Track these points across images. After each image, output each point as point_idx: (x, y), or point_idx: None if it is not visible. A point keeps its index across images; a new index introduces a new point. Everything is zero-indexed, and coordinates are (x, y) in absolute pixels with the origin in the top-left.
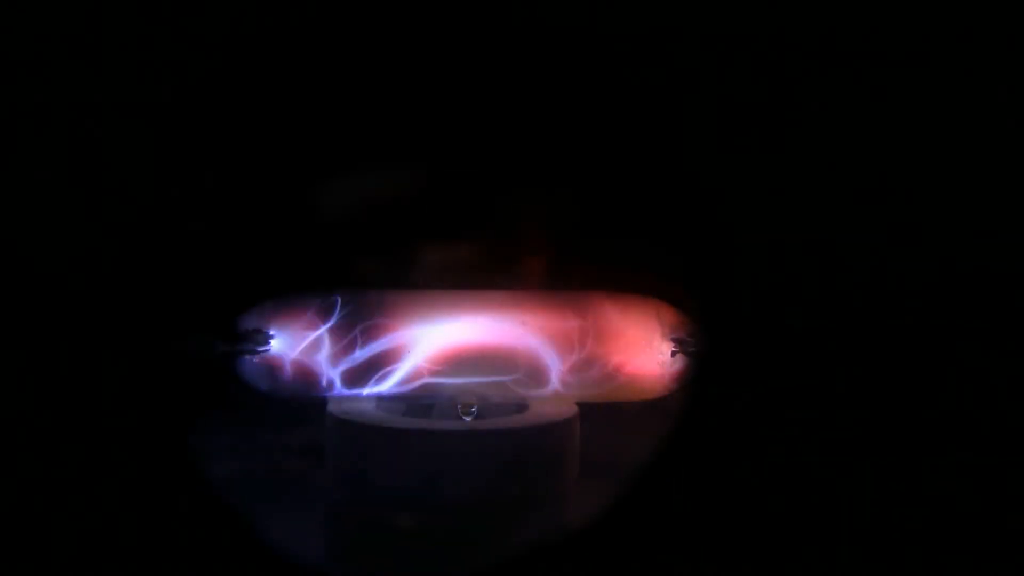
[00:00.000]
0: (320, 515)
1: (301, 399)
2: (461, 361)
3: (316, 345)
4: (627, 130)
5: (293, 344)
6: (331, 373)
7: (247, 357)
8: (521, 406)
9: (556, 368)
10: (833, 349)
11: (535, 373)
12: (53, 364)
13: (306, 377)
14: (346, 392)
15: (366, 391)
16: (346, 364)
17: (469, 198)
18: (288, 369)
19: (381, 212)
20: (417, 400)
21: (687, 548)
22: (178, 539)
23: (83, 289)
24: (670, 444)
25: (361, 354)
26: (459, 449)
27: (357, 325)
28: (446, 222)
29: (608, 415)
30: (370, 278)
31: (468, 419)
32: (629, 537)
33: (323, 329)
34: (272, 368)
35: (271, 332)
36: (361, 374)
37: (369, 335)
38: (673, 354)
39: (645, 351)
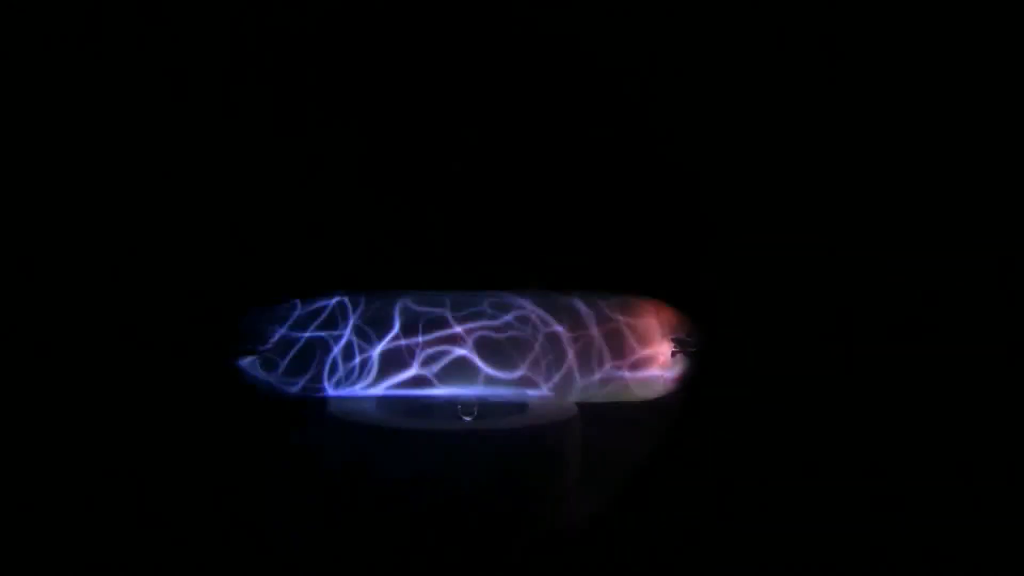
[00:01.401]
0: (317, 515)
1: (301, 398)
2: (463, 363)
3: (318, 345)
4: (625, 130)
5: (293, 343)
6: (332, 373)
7: (247, 357)
8: (520, 407)
9: (558, 368)
10: (832, 349)
11: (536, 374)
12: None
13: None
14: (347, 393)
15: (367, 392)
16: (347, 364)
17: (467, 197)
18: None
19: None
20: (417, 401)
21: (687, 548)
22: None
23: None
24: (669, 444)
25: (362, 355)
26: (458, 450)
27: (361, 325)
28: (444, 221)
29: (609, 416)
30: (375, 279)
31: (468, 419)
32: (628, 538)
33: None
34: (271, 367)
35: (272, 331)
36: (362, 374)
37: (373, 335)
38: (673, 354)
39: (645, 351)
